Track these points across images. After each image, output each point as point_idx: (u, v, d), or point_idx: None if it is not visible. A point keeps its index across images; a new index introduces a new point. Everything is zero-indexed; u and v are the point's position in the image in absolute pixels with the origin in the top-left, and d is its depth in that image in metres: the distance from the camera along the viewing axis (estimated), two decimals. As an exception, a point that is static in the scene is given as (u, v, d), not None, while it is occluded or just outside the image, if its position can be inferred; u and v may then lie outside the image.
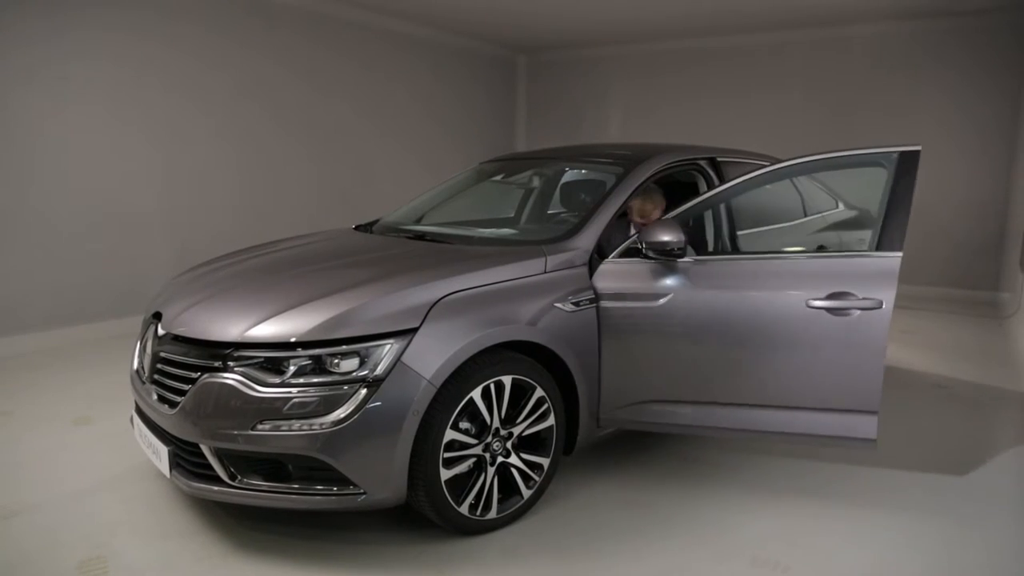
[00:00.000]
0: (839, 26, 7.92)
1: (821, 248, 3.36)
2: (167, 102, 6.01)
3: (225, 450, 2.50)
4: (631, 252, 3.11)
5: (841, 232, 3.69)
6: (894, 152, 3.02)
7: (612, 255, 3.12)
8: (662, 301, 3.03)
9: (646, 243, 3.02)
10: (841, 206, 4.71)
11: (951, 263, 7.77)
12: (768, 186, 4.20)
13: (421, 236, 3.56)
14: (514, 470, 2.81)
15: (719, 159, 3.87)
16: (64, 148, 5.40)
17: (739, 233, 3.76)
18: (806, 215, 4.32)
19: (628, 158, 3.60)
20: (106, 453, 3.52)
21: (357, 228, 4.03)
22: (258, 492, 2.52)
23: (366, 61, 7.80)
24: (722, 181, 3.81)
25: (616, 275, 3.08)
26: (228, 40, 6.42)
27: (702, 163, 3.79)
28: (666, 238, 2.96)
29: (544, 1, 7.08)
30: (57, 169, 5.38)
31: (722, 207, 3.69)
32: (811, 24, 7.91)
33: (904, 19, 7.58)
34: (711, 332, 3.02)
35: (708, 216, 3.63)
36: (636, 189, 3.39)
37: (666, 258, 3.03)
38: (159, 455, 2.72)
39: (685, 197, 3.41)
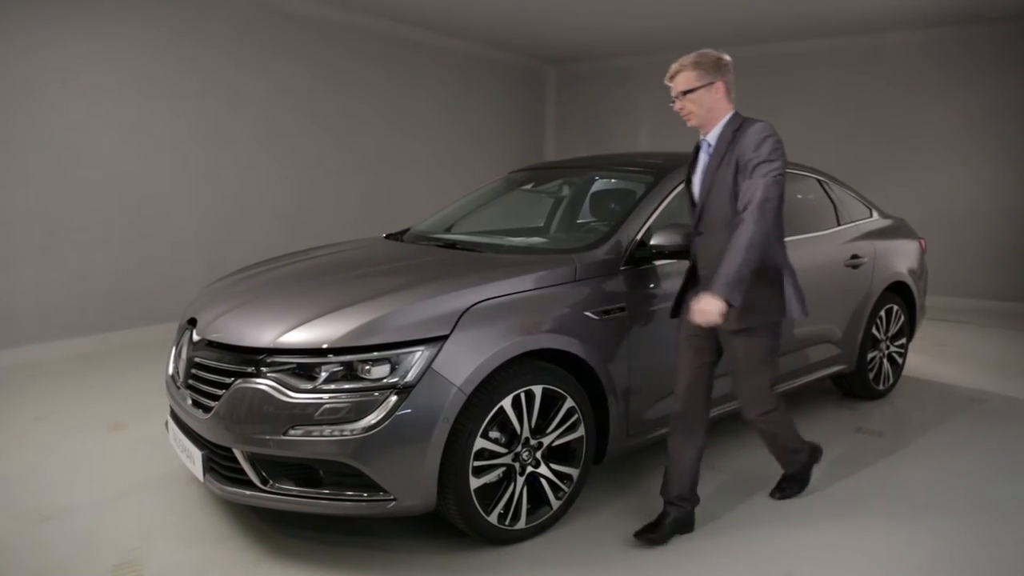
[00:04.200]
0: (869, 34, 7.83)
1: None
2: (201, 109, 6.13)
3: (257, 455, 2.52)
4: (643, 258, 3.12)
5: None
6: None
7: (622, 262, 3.10)
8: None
9: (652, 247, 3.04)
10: (875, 215, 4.65)
11: (986, 274, 7.61)
12: (799, 195, 4.19)
13: (451, 244, 3.57)
14: (543, 480, 2.79)
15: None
16: (99, 156, 5.52)
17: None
18: (839, 224, 4.28)
19: (658, 167, 3.58)
20: (140, 457, 3.57)
21: (388, 236, 4.05)
22: (289, 497, 2.53)
23: (399, 72, 7.88)
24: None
25: (635, 280, 3.09)
26: (265, 50, 6.54)
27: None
28: (658, 241, 3.00)
29: (573, 13, 7.10)
30: (93, 177, 5.50)
31: None
32: (842, 32, 7.83)
33: (935, 26, 7.47)
34: None
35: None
36: (666, 197, 3.37)
37: (669, 260, 3.10)
38: (193, 459, 2.75)
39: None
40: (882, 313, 4.42)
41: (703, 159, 2.76)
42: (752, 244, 2.45)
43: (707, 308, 2.47)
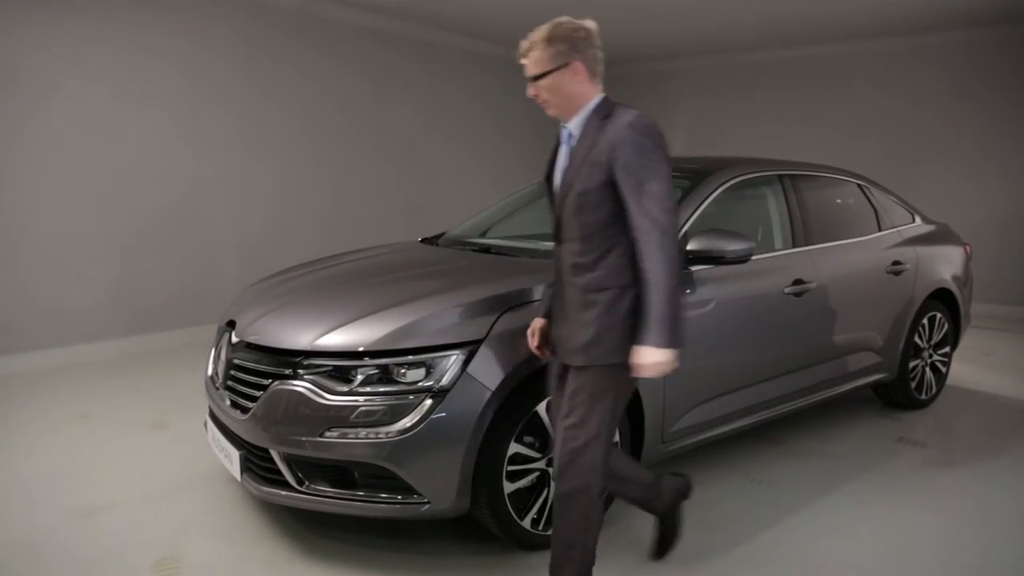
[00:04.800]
0: (911, 36, 7.67)
1: None
2: (243, 113, 6.23)
3: (294, 456, 2.55)
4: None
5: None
6: None
7: None
8: (711, 306, 3.12)
9: (688, 252, 2.98)
10: (918, 220, 4.56)
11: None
12: (839, 200, 4.13)
13: (486, 249, 3.58)
14: (577, 485, 2.78)
15: (792, 173, 3.80)
16: (142, 158, 5.62)
17: (809, 249, 3.67)
18: (880, 229, 4.20)
19: (696, 171, 3.55)
20: (180, 456, 3.63)
21: (424, 241, 4.08)
22: (324, 498, 2.55)
23: (437, 76, 7.94)
24: (796, 196, 3.74)
25: None
26: (308, 54, 6.63)
27: (773, 177, 3.72)
28: (694, 247, 2.96)
29: (609, 18, 7.08)
30: (136, 179, 5.61)
31: (785, 220, 3.64)
32: (883, 34, 7.68)
33: (973, 27, 7.29)
34: (749, 324, 3.34)
35: (776, 227, 3.61)
36: (703, 202, 3.34)
37: (705, 265, 3.08)
38: (231, 459, 2.79)
39: (755, 212, 3.34)
40: (925, 321, 4.32)
41: (564, 152, 2.31)
42: (669, 272, 1.99)
43: (655, 362, 2.00)
